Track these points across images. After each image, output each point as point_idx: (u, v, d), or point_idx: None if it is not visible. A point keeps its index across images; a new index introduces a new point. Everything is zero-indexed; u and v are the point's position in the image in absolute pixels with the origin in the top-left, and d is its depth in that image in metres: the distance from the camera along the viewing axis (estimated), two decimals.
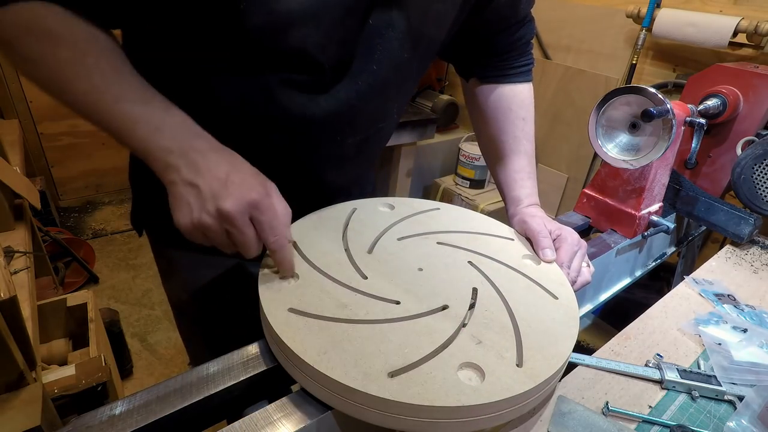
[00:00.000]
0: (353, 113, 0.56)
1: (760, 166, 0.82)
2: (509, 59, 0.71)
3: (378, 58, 0.53)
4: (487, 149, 0.74)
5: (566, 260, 0.58)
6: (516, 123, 0.70)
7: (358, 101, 0.55)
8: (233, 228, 0.43)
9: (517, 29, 0.68)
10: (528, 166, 0.70)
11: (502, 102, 0.71)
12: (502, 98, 0.71)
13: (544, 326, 0.47)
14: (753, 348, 0.59)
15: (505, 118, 0.70)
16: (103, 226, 2.45)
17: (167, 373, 1.66)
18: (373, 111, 0.59)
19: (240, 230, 0.43)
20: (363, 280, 0.50)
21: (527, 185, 0.69)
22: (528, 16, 0.70)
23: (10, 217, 1.05)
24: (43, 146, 2.34)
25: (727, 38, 1.36)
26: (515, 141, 0.70)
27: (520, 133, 0.70)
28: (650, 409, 0.51)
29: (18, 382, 0.61)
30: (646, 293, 1.33)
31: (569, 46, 1.93)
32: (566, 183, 2.07)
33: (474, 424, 0.39)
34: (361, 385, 0.37)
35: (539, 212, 0.66)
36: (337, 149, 0.59)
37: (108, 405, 0.41)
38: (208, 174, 0.43)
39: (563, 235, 0.61)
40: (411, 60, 0.57)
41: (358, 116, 0.57)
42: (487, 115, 0.72)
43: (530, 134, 0.71)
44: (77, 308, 1.16)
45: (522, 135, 0.70)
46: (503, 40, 0.69)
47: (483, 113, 0.73)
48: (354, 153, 0.62)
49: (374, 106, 0.58)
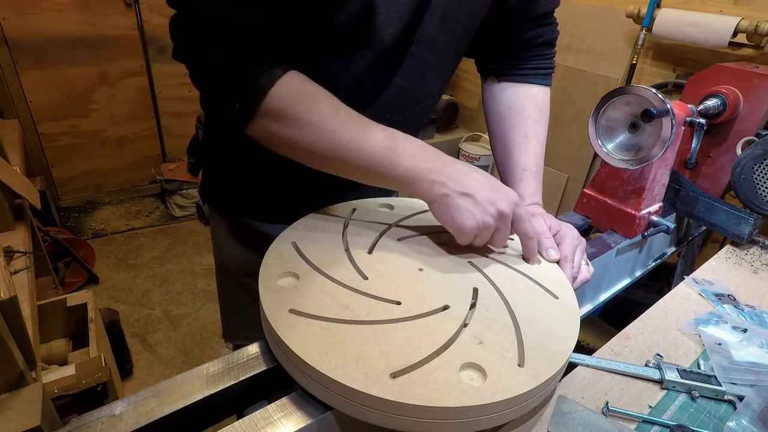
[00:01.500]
0: (398, 92, 0.60)
1: (760, 166, 0.82)
2: (527, 59, 0.71)
3: (417, 39, 0.57)
4: (497, 146, 0.74)
5: (569, 254, 0.59)
6: (528, 123, 0.70)
7: (402, 80, 0.60)
8: (504, 224, 0.53)
9: (537, 26, 0.69)
10: (535, 167, 0.70)
11: (515, 101, 0.71)
12: (516, 97, 0.71)
13: (544, 326, 0.47)
14: (753, 348, 0.59)
15: (517, 117, 0.71)
16: (103, 226, 2.45)
17: (167, 373, 1.66)
18: (414, 90, 0.62)
19: (508, 226, 0.53)
20: (363, 281, 0.50)
21: (531, 184, 0.69)
22: (550, 17, 0.70)
23: (10, 217, 1.05)
24: (43, 146, 2.34)
25: (727, 38, 1.36)
26: (525, 140, 0.70)
27: (531, 132, 0.70)
28: (650, 409, 0.51)
29: (18, 382, 0.60)
30: (646, 293, 1.33)
31: (569, 46, 1.93)
32: (566, 183, 2.07)
33: (475, 424, 0.39)
34: (363, 386, 0.37)
35: (539, 210, 0.66)
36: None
37: (108, 405, 0.41)
38: (474, 184, 0.51)
39: (563, 230, 0.62)
40: (448, 42, 0.61)
41: (401, 95, 0.61)
42: (500, 112, 0.73)
43: (541, 136, 0.71)
44: (77, 308, 1.16)
45: (533, 135, 0.70)
46: (521, 35, 0.70)
47: (496, 110, 0.73)
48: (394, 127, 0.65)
49: (415, 85, 0.62)
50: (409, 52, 0.58)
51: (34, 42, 2.12)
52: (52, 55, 2.17)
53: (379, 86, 0.59)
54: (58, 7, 2.12)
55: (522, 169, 0.69)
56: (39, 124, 2.28)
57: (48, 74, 2.20)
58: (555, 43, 0.73)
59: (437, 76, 0.65)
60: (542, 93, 0.72)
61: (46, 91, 2.23)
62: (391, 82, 0.59)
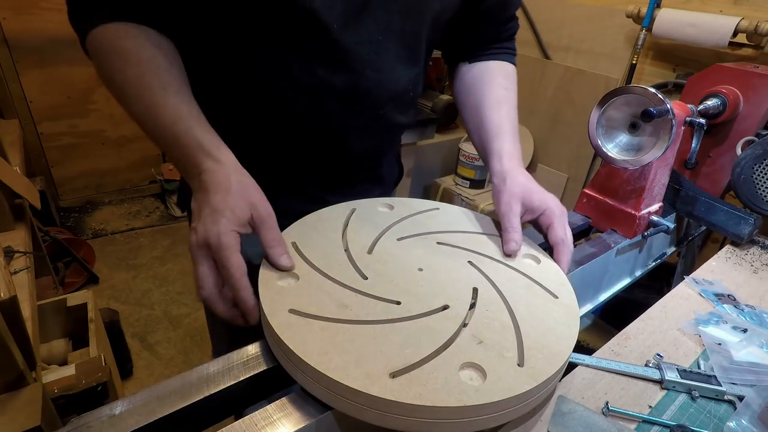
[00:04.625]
0: (369, 85, 0.60)
1: (760, 166, 0.82)
2: (493, 46, 0.74)
3: (383, 28, 0.57)
4: (469, 120, 0.73)
5: (563, 236, 0.57)
6: (498, 91, 0.70)
7: (371, 72, 0.59)
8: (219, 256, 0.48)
9: (506, 23, 0.73)
10: (508, 126, 0.67)
11: (483, 74, 0.72)
12: (484, 70, 0.72)
13: (544, 325, 0.47)
14: (753, 348, 0.59)
15: (487, 86, 0.71)
16: (103, 226, 2.45)
17: (167, 373, 1.66)
18: (387, 82, 0.62)
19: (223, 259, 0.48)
20: (363, 281, 0.50)
21: (507, 140, 0.66)
22: (514, 16, 0.74)
23: (10, 217, 1.05)
24: (43, 146, 2.34)
25: (727, 38, 1.36)
26: (497, 104, 0.69)
27: (502, 99, 0.69)
28: (650, 409, 0.51)
29: (18, 382, 0.60)
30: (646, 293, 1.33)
31: (569, 46, 1.93)
32: (566, 183, 2.07)
33: (475, 424, 0.39)
34: (363, 386, 0.37)
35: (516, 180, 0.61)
36: (357, 120, 0.63)
37: (108, 405, 0.41)
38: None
39: (549, 207, 0.59)
40: (417, 35, 0.61)
41: (373, 89, 0.61)
42: (469, 86, 0.73)
43: (512, 102, 0.70)
44: (77, 308, 1.16)
45: (504, 100, 0.69)
46: (491, 31, 0.73)
47: (466, 85, 0.74)
48: (374, 124, 0.65)
49: (387, 78, 0.61)
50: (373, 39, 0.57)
51: (34, 42, 2.12)
52: (52, 55, 2.17)
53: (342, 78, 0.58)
54: (58, 7, 2.12)
55: (496, 125, 0.67)
56: (39, 124, 2.28)
57: (48, 74, 2.20)
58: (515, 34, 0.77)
59: (409, 69, 0.64)
60: (511, 68, 0.74)
61: (46, 91, 2.23)
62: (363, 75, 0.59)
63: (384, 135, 0.72)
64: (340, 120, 0.62)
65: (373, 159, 0.75)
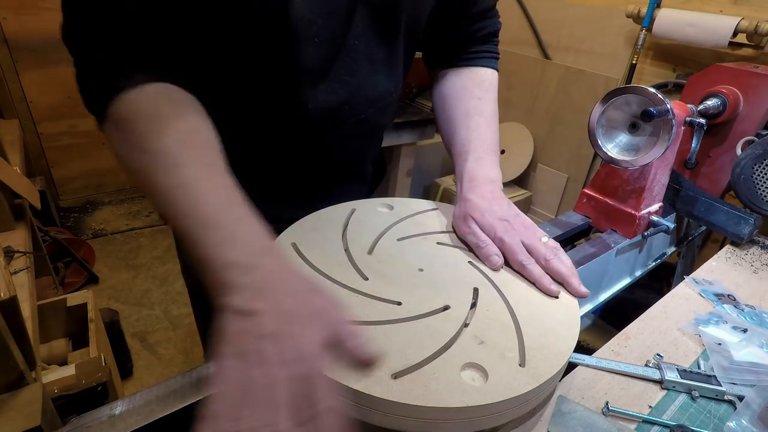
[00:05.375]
0: (348, 90, 0.58)
1: (760, 166, 0.82)
2: (471, 51, 0.72)
3: (358, 33, 0.55)
4: (443, 135, 0.72)
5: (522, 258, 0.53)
6: (470, 101, 0.68)
7: (348, 77, 0.57)
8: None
9: (479, 20, 0.70)
10: (476, 141, 0.65)
11: (457, 82, 0.71)
12: (458, 78, 0.71)
13: (545, 325, 0.47)
14: (753, 348, 0.59)
15: (459, 97, 0.69)
16: (103, 226, 2.45)
17: (167, 373, 1.66)
18: (365, 87, 0.60)
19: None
20: (364, 281, 0.50)
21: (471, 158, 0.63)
22: (491, 11, 0.71)
23: (10, 217, 1.05)
24: (43, 146, 2.34)
25: (727, 38, 1.36)
26: (466, 117, 0.67)
27: (473, 109, 0.68)
28: (650, 409, 0.51)
29: (18, 382, 0.60)
30: (646, 293, 1.33)
31: (569, 46, 1.93)
32: (566, 183, 2.07)
33: (476, 424, 0.39)
34: (364, 387, 0.37)
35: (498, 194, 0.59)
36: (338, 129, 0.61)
37: (108, 405, 0.41)
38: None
39: (496, 232, 0.55)
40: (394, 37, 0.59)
41: (353, 95, 0.59)
42: (443, 96, 0.72)
43: (486, 110, 0.68)
44: (77, 308, 1.16)
45: (474, 111, 0.67)
46: (464, 28, 0.70)
47: (440, 95, 0.72)
48: (355, 130, 0.64)
49: (364, 82, 0.60)
50: (348, 45, 0.55)
51: (34, 42, 2.12)
52: (52, 55, 2.17)
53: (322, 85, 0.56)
54: (58, 7, 2.08)
55: (461, 144, 0.65)
56: (39, 124, 2.28)
57: (48, 74, 2.20)
58: (498, 35, 0.73)
59: (388, 70, 0.63)
60: (488, 73, 0.71)
61: (46, 91, 2.23)
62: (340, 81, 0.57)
63: (366, 138, 0.70)
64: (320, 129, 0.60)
65: (357, 161, 0.74)
